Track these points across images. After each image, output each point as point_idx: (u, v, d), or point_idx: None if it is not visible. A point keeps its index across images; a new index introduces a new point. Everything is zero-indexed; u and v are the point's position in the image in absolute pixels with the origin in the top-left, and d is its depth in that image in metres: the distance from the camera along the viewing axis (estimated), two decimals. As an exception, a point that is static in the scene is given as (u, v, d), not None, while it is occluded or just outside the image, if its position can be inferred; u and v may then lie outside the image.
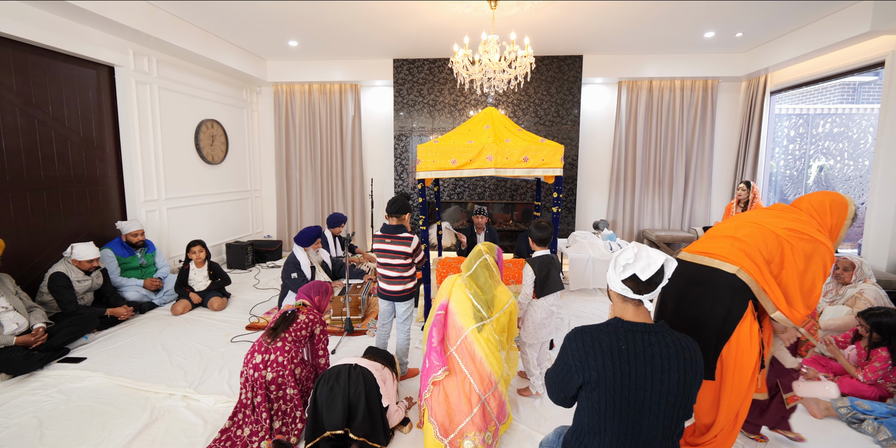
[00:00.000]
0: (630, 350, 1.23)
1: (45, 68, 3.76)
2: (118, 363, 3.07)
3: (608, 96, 6.46)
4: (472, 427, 2.06)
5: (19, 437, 2.27)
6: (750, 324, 1.77)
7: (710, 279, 1.83)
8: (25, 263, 3.65)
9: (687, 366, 1.24)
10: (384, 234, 2.77)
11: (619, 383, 1.22)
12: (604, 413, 1.25)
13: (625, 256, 1.29)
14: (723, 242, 1.88)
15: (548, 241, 2.71)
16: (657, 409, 1.22)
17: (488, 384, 2.12)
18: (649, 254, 1.29)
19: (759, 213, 1.94)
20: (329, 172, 6.74)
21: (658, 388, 1.22)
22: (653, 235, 5.98)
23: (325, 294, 2.69)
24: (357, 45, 5.55)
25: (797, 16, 4.46)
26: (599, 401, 1.25)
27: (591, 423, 1.28)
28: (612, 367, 1.22)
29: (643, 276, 1.27)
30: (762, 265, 1.77)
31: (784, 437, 2.26)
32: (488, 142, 3.39)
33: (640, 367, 1.22)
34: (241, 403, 2.26)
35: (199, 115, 5.52)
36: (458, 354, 2.14)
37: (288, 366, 2.25)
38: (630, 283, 1.29)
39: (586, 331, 1.33)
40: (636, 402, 1.22)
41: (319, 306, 2.63)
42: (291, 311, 2.42)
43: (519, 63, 3.96)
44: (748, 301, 1.77)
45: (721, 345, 1.81)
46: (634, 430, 1.24)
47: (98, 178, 4.32)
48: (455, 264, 3.76)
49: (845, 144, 6.03)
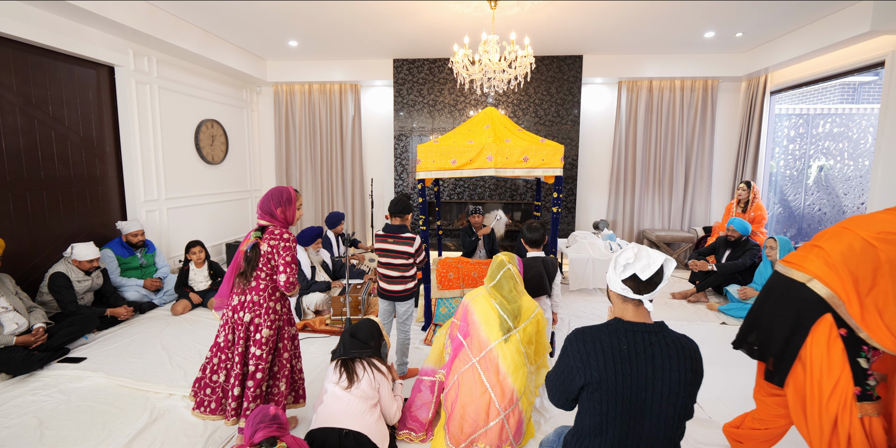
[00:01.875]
0: (631, 350, 1.23)
1: (45, 68, 3.76)
2: (118, 363, 3.07)
3: (608, 96, 6.46)
4: (485, 439, 2.00)
5: (19, 437, 2.27)
6: (828, 340, 1.55)
7: (782, 287, 1.72)
8: (25, 263, 3.65)
9: (687, 365, 1.26)
10: (387, 233, 2.77)
11: (621, 384, 1.22)
12: (605, 414, 1.24)
13: (625, 256, 1.29)
14: (805, 250, 1.71)
15: (539, 243, 2.68)
16: (659, 409, 1.22)
17: (510, 401, 2.02)
18: (649, 254, 1.29)
19: (858, 218, 1.66)
20: (329, 172, 6.74)
21: (659, 387, 1.22)
22: (653, 235, 5.98)
23: (289, 202, 2.20)
24: (357, 45, 5.55)
25: (797, 16, 4.46)
26: (601, 402, 1.24)
27: (593, 424, 1.28)
28: (613, 368, 1.22)
29: (643, 276, 1.27)
30: (845, 276, 1.52)
31: None
32: (488, 142, 3.39)
33: (641, 367, 1.22)
34: (216, 346, 2.14)
35: (199, 115, 5.52)
36: (481, 366, 2.05)
37: (264, 304, 2.11)
38: (630, 283, 1.29)
39: (587, 331, 1.32)
40: (638, 403, 1.22)
41: (286, 219, 2.20)
42: (252, 247, 2.13)
43: (519, 63, 3.97)
44: (822, 315, 1.57)
45: (789, 355, 1.66)
46: (636, 431, 1.24)
47: (98, 178, 4.32)
48: (455, 264, 3.76)
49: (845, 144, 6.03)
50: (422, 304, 3.89)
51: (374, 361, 2.13)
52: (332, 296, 4.02)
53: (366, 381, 2.03)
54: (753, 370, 3.05)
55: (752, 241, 4.48)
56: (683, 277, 5.42)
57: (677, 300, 4.64)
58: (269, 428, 1.59)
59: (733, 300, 4.26)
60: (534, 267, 2.59)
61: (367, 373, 2.06)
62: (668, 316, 4.14)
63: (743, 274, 4.43)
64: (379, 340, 2.27)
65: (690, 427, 2.39)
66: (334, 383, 2.02)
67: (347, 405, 1.97)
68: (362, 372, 2.04)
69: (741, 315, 4.03)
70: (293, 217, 2.21)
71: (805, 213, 6.24)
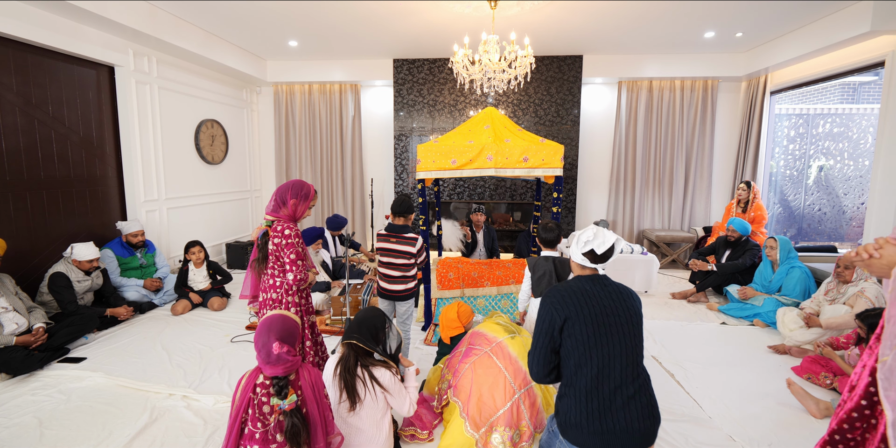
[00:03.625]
0: (593, 289, 1.56)
1: (45, 68, 3.76)
2: (118, 363, 3.07)
3: (608, 96, 6.46)
4: (503, 421, 2.09)
5: (19, 437, 2.27)
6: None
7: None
8: (25, 263, 3.65)
9: (630, 300, 1.57)
10: (389, 233, 2.78)
11: (592, 312, 1.50)
12: (587, 341, 1.48)
13: (585, 235, 1.62)
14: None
15: (554, 243, 2.74)
16: (625, 329, 1.50)
17: (524, 380, 2.15)
18: (605, 234, 1.61)
19: None
20: (329, 172, 6.74)
21: (622, 312, 1.52)
22: (653, 235, 5.98)
23: (305, 198, 2.22)
24: (357, 44, 5.55)
25: (797, 16, 4.46)
26: (583, 332, 1.48)
27: (577, 359, 1.49)
28: (586, 302, 1.51)
29: (599, 251, 1.58)
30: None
31: None
32: (488, 142, 3.39)
33: (603, 299, 1.53)
34: None
35: (199, 115, 5.52)
36: (493, 353, 2.25)
37: (283, 301, 2.25)
38: (588, 256, 1.60)
39: (557, 286, 1.62)
40: (608, 326, 1.49)
41: (294, 213, 2.23)
42: (263, 235, 2.19)
43: (519, 63, 3.96)
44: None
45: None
46: (612, 353, 1.47)
47: (98, 178, 4.32)
48: (455, 264, 3.76)
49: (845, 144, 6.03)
50: (422, 304, 3.89)
51: (375, 373, 1.92)
52: (332, 296, 4.02)
53: (368, 401, 1.89)
54: (753, 370, 3.07)
55: (752, 242, 4.48)
56: (683, 277, 5.42)
57: (677, 300, 4.64)
58: (276, 367, 1.57)
59: (733, 300, 4.26)
60: (544, 266, 2.62)
61: (367, 390, 1.89)
62: (668, 316, 4.14)
63: (743, 274, 4.42)
64: (386, 331, 2.05)
65: (691, 427, 2.39)
66: (337, 404, 1.89)
67: (358, 432, 1.89)
68: (362, 389, 1.88)
69: (741, 315, 4.03)
70: (302, 213, 2.28)
71: (805, 213, 6.24)
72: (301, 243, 2.26)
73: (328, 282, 4.40)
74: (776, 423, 2.43)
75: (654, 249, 6.02)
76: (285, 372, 1.59)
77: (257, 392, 1.59)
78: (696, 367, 3.10)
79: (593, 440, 1.44)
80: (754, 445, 2.25)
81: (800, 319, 3.31)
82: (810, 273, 3.89)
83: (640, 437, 1.45)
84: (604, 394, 1.45)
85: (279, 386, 1.57)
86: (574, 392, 1.49)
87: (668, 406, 2.60)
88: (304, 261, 2.27)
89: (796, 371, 2.99)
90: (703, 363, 3.17)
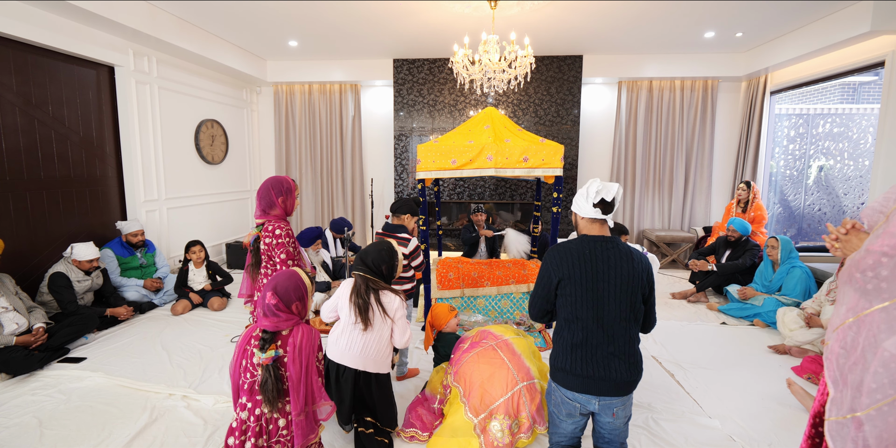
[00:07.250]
0: (593, 254, 1.64)
1: (45, 68, 3.76)
2: (118, 363, 3.07)
3: (608, 96, 6.46)
4: (502, 410, 2.10)
5: (19, 437, 2.27)
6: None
7: None
8: (25, 263, 3.65)
9: (633, 264, 1.64)
10: (384, 233, 2.78)
11: (585, 277, 1.62)
12: (575, 303, 1.62)
13: (594, 187, 1.68)
14: None
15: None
16: (614, 295, 1.61)
17: (527, 374, 2.20)
18: (608, 184, 1.69)
19: None
20: (329, 172, 6.74)
21: (614, 279, 1.62)
22: (653, 235, 5.98)
23: (289, 192, 2.24)
24: (357, 44, 5.55)
25: (797, 16, 4.46)
26: (572, 293, 1.63)
27: (567, 314, 1.65)
28: (580, 266, 1.63)
29: (608, 198, 1.66)
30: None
31: None
32: (488, 142, 3.39)
33: (599, 265, 1.63)
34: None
35: (199, 115, 5.52)
36: (498, 347, 2.31)
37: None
38: (600, 206, 1.68)
39: (561, 245, 1.72)
40: (598, 291, 1.61)
41: (286, 209, 2.24)
42: (255, 240, 2.21)
43: (519, 63, 3.96)
44: None
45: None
46: (599, 315, 1.61)
47: (98, 178, 4.32)
48: (455, 264, 3.75)
49: (845, 144, 6.03)
50: (422, 304, 3.89)
51: (383, 299, 2.10)
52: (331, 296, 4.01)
53: (378, 323, 2.09)
54: (753, 370, 3.07)
55: (752, 242, 4.48)
56: (683, 277, 5.42)
57: (677, 300, 4.64)
58: (266, 319, 1.62)
59: (733, 300, 4.26)
60: None
61: (377, 315, 2.08)
62: (668, 316, 4.14)
63: (743, 274, 4.42)
64: (391, 263, 2.19)
65: (691, 427, 2.40)
66: (352, 324, 2.08)
67: (364, 347, 2.09)
68: (372, 315, 2.07)
69: (741, 315, 4.03)
70: (292, 207, 2.28)
71: (805, 213, 6.24)
72: (292, 243, 2.25)
73: (328, 282, 4.40)
74: (776, 423, 2.43)
75: (654, 249, 6.02)
76: (273, 327, 1.62)
77: (251, 343, 1.65)
78: (695, 368, 3.10)
79: (575, 382, 1.63)
80: (754, 445, 2.25)
81: (800, 319, 3.31)
82: (811, 273, 3.89)
83: (618, 385, 1.61)
84: (588, 347, 1.62)
85: (263, 339, 1.62)
86: (562, 342, 1.68)
87: (668, 406, 2.60)
88: (294, 260, 2.26)
89: (796, 371, 2.99)
90: (703, 363, 3.17)
